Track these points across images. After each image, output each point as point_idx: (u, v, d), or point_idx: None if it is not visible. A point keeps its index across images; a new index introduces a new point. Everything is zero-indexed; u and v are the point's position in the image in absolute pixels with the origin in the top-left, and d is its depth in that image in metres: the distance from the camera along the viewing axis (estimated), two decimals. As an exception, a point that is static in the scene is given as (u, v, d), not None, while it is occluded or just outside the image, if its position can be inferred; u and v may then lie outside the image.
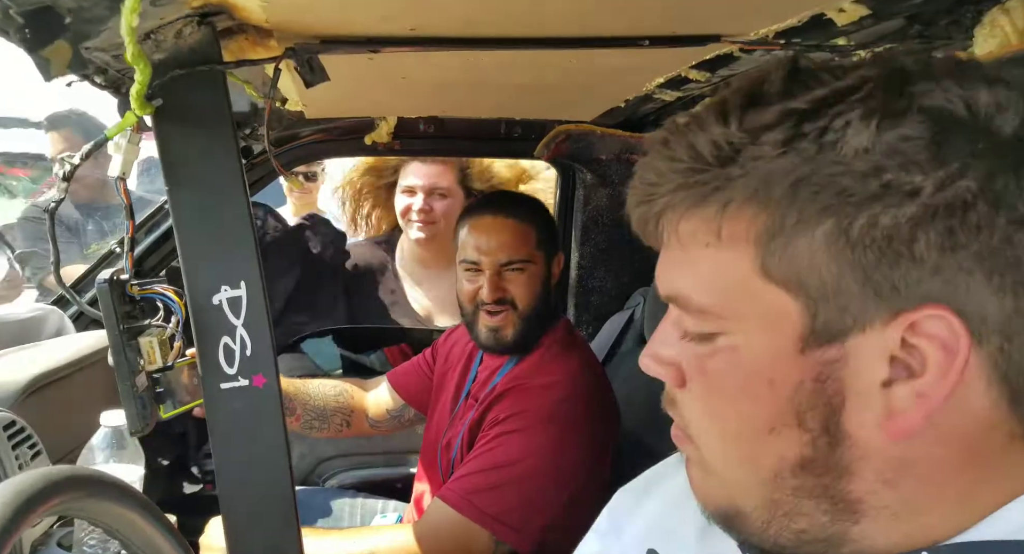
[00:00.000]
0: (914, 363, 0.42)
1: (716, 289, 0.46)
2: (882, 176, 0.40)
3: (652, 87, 1.28)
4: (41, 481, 0.41)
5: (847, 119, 0.40)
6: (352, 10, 0.77)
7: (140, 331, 0.75)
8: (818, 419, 0.44)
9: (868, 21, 0.81)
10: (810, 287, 0.42)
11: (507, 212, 1.35)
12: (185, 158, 0.81)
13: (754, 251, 0.43)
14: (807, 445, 0.45)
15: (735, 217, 0.44)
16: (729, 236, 0.44)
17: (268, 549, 0.85)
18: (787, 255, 0.42)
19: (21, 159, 5.21)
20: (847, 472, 0.45)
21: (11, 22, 0.59)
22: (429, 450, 1.52)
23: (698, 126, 0.45)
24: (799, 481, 0.46)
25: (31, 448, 0.88)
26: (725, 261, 0.45)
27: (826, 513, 0.46)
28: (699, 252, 0.46)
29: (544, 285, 1.37)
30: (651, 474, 0.70)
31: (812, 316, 0.43)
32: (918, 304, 0.40)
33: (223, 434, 0.84)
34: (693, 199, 0.45)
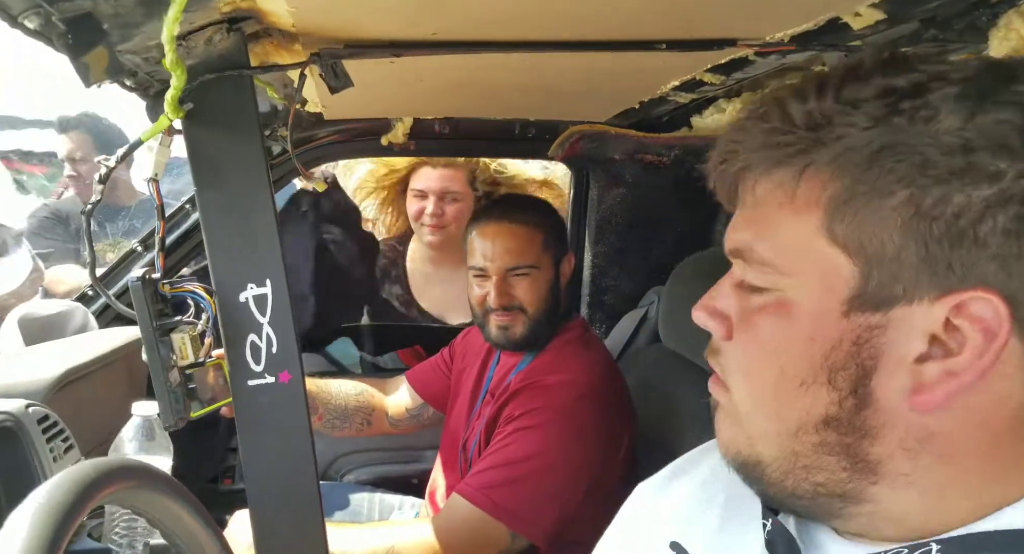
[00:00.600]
0: (953, 344, 0.43)
1: (780, 245, 0.48)
2: (969, 155, 0.41)
3: (667, 89, 1.29)
4: (97, 471, 0.43)
5: (945, 96, 0.42)
6: (377, 15, 0.79)
7: (172, 328, 0.77)
8: (848, 380, 0.46)
9: (883, 25, 0.82)
10: (869, 253, 0.44)
11: (511, 217, 1.36)
12: (214, 160, 0.83)
13: (823, 214, 0.45)
14: (834, 404, 0.47)
15: (811, 180, 0.46)
16: (803, 198, 0.46)
17: (294, 541, 0.87)
18: (854, 220, 0.44)
19: (38, 157, 5.27)
20: (869, 434, 0.46)
21: (53, 28, 0.61)
22: (448, 447, 1.55)
23: (795, 95, 0.47)
24: (821, 437, 0.48)
25: (64, 441, 0.91)
26: (795, 221, 0.47)
27: (845, 470, 0.48)
28: (771, 211, 0.48)
29: (552, 287, 1.38)
30: (672, 468, 0.72)
31: (864, 280, 0.44)
32: (971, 285, 0.42)
33: (250, 429, 0.86)
34: (774, 160, 0.47)
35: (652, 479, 0.73)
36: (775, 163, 0.47)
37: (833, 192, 0.45)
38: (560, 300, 1.41)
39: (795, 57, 1.02)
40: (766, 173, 0.48)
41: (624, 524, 0.72)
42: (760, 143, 0.48)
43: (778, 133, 0.47)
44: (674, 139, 1.66)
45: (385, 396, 1.70)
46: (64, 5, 0.59)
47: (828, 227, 0.45)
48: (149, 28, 0.74)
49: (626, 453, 1.34)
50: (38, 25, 0.60)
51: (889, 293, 0.44)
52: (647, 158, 1.75)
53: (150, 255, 1.70)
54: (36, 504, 0.38)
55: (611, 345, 1.86)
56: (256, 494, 0.86)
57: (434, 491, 1.56)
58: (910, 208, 0.42)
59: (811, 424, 0.48)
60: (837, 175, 0.44)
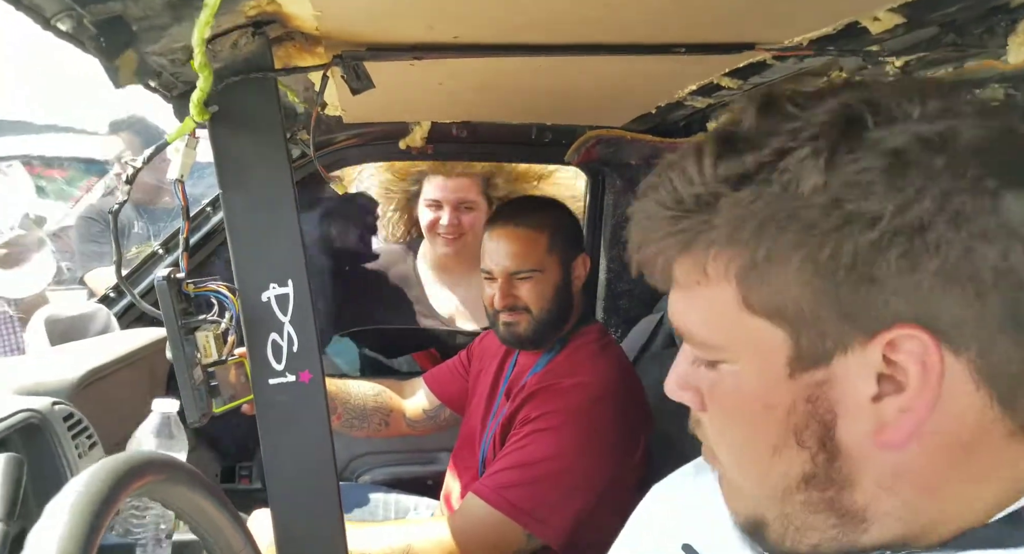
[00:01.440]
0: (901, 378, 0.44)
1: (710, 323, 0.49)
2: (843, 207, 0.42)
3: (684, 94, 1.30)
4: (130, 463, 0.44)
5: (800, 158, 0.44)
6: (399, 19, 0.80)
7: (196, 326, 0.79)
8: (814, 437, 0.47)
9: (901, 29, 0.83)
10: (789, 316, 0.46)
11: (517, 221, 1.38)
12: (238, 162, 0.84)
13: (735, 287, 0.47)
14: (807, 461, 0.48)
15: (716, 258, 0.47)
16: (714, 275, 0.48)
17: (314, 537, 0.88)
18: (764, 288, 0.46)
19: (59, 161, 5.35)
20: (848, 483, 0.48)
21: (85, 31, 0.63)
22: (463, 448, 1.55)
23: (681, 174, 0.48)
24: (805, 496, 0.49)
25: (88, 438, 0.92)
26: (713, 297, 0.48)
27: (834, 527, 0.49)
28: (692, 290, 0.50)
29: (559, 289, 1.38)
30: (685, 471, 0.72)
31: (796, 342, 0.46)
32: (890, 324, 0.43)
33: (271, 427, 0.88)
34: (681, 244, 0.49)
35: (666, 481, 0.73)
36: (682, 247, 0.49)
37: (738, 266, 0.46)
38: (572, 301, 1.41)
39: (812, 61, 1.02)
40: (679, 256, 0.49)
41: (637, 525, 0.73)
42: (665, 232, 0.49)
43: (676, 220, 0.48)
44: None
45: (403, 397, 1.71)
46: (96, 8, 0.60)
47: (743, 299, 0.47)
48: (175, 31, 0.76)
49: (642, 456, 1.34)
50: (70, 27, 0.61)
51: (822, 348, 0.45)
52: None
53: (172, 257, 1.73)
54: (75, 493, 0.39)
55: (627, 349, 1.85)
56: (277, 490, 0.87)
57: (448, 493, 1.57)
58: (808, 267, 0.44)
59: (793, 485, 0.49)
60: (736, 250, 0.46)
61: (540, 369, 1.40)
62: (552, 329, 1.39)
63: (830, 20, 0.81)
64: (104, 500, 0.40)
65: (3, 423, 0.79)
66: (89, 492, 0.40)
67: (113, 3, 0.60)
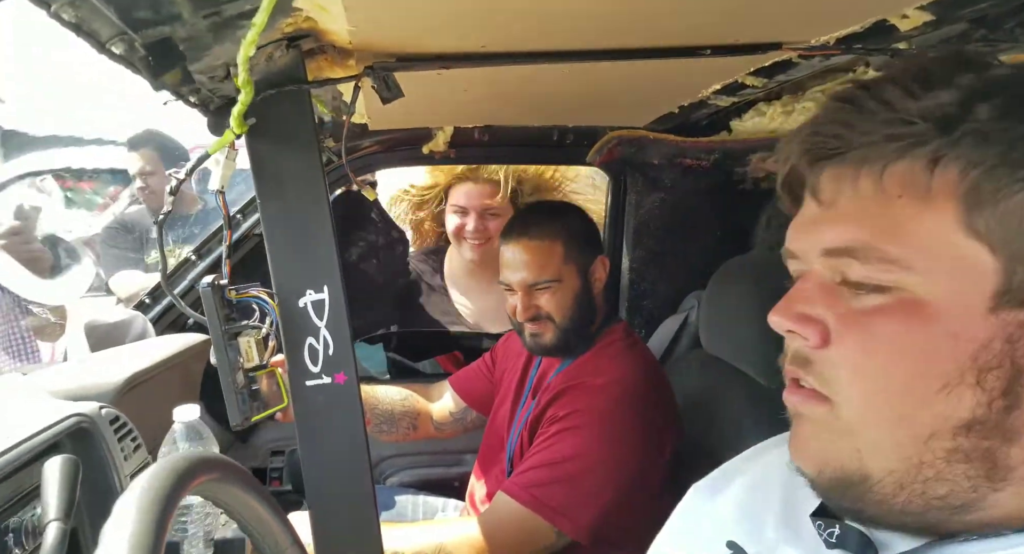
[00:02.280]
0: None
1: (909, 240, 0.45)
2: None
3: (707, 93, 1.30)
4: (188, 463, 0.46)
5: None
6: (429, 30, 0.82)
7: (238, 332, 0.81)
8: (1000, 380, 0.44)
9: (930, 26, 0.83)
10: (1013, 247, 0.43)
11: (530, 233, 1.38)
12: (274, 172, 0.87)
13: (960, 207, 0.43)
14: (981, 405, 0.44)
15: (945, 173, 0.44)
16: (937, 190, 0.44)
17: (350, 532, 0.90)
18: (997, 213, 0.43)
19: (88, 173, 5.46)
20: (1014, 436, 0.44)
21: (136, 53, 0.65)
22: (489, 449, 1.57)
23: (895, 85, 0.46)
24: (956, 443, 0.45)
25: (133, 441, 0.95)
26: (926, 215, 0.45)
27: (971, 480, 0.45)
28: (891, 204, 0.46)
29: (580, 295, 1.39)
30: (725, 469, 0.73)
31: (1009, 276, 0.43)
32: None
33: (308, 427, 0.90)
34: (897, 151, 0.45)
35: (706, 480, 0.73)
36: (897, 154, 0.45)
37: (971, 184, 0.43)
38: (594, 305, 1.42)
39: (839, 58, 1.02)
40: (884, 165, 0.46)
41: (680, 523, 0.73)
42: (879, 136, 0.46)
43: (897, 123, 0.45)
44: (714, 143, 1.66)
45: (429, 401, 1.74)
46: (147, 32, 0.63)
47: (966, 221, 0.43)
48: (216, 50, 0.78)
49: (670, 455, 1.34)
50: (123, 50, 0.64)
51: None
52: (686, 162, 1.76)
53: (203, 263, 1.77)
54: (142, 490, 0.41)
55: (652, 350, 1.86)
56: (314, 488, 0.89)
57: (473, 493, 1.58)
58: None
59: (948, 429, 0.45)
60: (972, 167, 0.43)
61: (566, 367, 1.42)
62: (577, 335, 1.40)
63: (858, 18, 0.82)
64: (169, 497, 0.42)
65: (56, 427, 0.82)
66: (154, 489, 0.42)
67: (163, 27, 0.63)
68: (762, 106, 1.49)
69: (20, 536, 0.72)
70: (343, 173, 1.80)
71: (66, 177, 5.23)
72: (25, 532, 0.73)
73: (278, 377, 1.08)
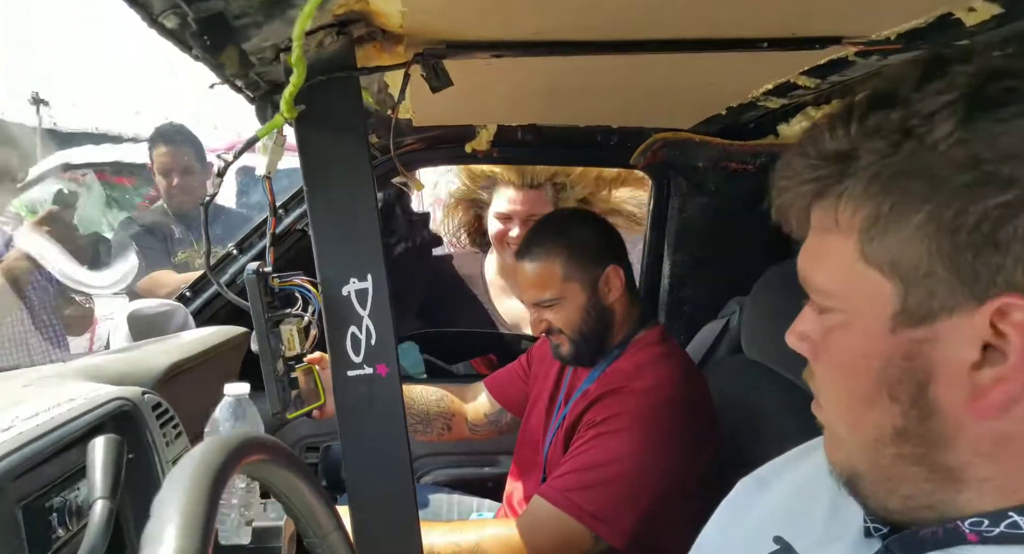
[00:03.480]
0: (1006, 349, 0.44)
1: (828, 270, 0.51)
2: (980, 166, 0.43)
3: (758, 94, 1.28)
4: (239, 441, 0.45)
5: (945, 115, 0.44)
6: (483, 13, 0.81)
7: (280, 320, 0.81)
8: (907, 392, 0.48)
9: (996, 21, 0.80)
10: (902, 271, 0.46)
11: (529, 255, 1.39)
12: (322, 159, 0.87)
13: (857, 237, 0.48)
14: (899, 416, 0.49)
15: (846, 208, 0.49)
16: (843, 224, 0.49)
17: (390, 524, 0.89)
18: (884, 241, 0.47)
19: (128, 169, 5.52)
20: (942, 443, 0.48)
21: (187, 28, 0.65)
22: (525, 452, 1.55)
23: (828, 127, 0.50)
24: (897, 449, 0.50)
25: (174, 427, 0.95)
26: (838, 246, 0.50)
27: (927, 481, 0.49)
28: (822, 238, 0.52)
29: (587, 309, 1.38)
30: (772, 466, 0.72)
31: (903, 298, 0.47)
32: (1001, 292, 0.43)
33: (350, 418, 0.89)
34: (815, 192, 0.51)
35: (753, 475, 0.73)
36: (816, 195, 0.51)
37: (864, 217, 0.48)
38: (607, 314, 1.40)
39: (895, 59, 0.99)
40: (813, 203, 0.52)
41: (727, 517, 0.73)
42: (802, 179, 0.51)
43: (814, 167, 0.50)
44: (761, 146, 1.63)
45: (464, 402, 1.73)
46: (200, 5, 0.63)
47: (863, 250, 0.48)
48: (267, 29, 0.78)
49: (710, 459, 1.31)
50: (175, 24, 0.64)
51: (928, 308, 0.46)
52: (732, 166, 1.73)
53: (244, 258, 1.78)
54: (194, 464, 0.40)
55: (691, 354, 1.83)
56: (355, 476, 0.89)
57: (511, 495, 1.57)
58: (932, 224, 0.44)
59: (886, 437, 0.50)
60: (866, 201, 0.47)
61: (601, 372, 1.40)
62: (594, 345, 1.39)
63: (922, 11, 0.79)
64: (220, 472, 0.41)
65: (100, 410, 0.82)
66: (207, 464, 0.41)
67: (215, 1, 0.63)
68: (810, 110, 1.46)
69: (64, 516, 0.72)
70: (382, 171, 1.81)
71: (106, 171, 5.30)
72: (69, 512, 0.73)
73: (315, 375, 1.08)
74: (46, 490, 0.72)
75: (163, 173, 2.59)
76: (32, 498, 0.70)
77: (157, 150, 2.59)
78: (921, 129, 0.45)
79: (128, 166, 5.41)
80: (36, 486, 0.71)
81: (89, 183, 5.14)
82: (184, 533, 0.37)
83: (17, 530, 0.67)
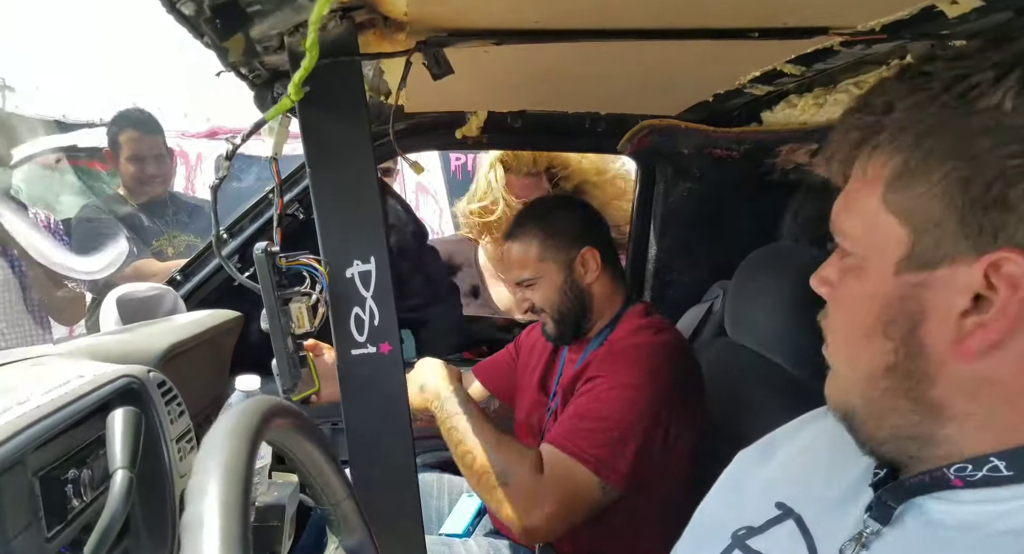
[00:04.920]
0: (994, 299, 0.48)
1: (856, 215, 0.55)
2: (1008, 129, 0.46)
3: (745, 81, 1.31)
4: (269, 405, 0.47)
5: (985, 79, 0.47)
6: (485, 2, 0.83)
7: (289, 298, 0.83)
8: (899, 331, 0.52)
9: (977, 13, 0.83)
10: (916, 220, 0.51)
11: (510, 235, 1.48)
12: (325, 142, 0.88)
13: (883, 188, 0.52)
14: (891, 352, 0.53)
15: (876, 159, 0.53)
16: (871, 174, 0.54)
17: (393, 500, 0.92)
18: (905, 191, 0.51)
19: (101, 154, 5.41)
20: (927, 379, 0.52)
21: (202, 15, 0.67)
22: (521, 437, 1.58)
23: (879, 84, 0.55)
24: (888, 383, 0.54)
25: (178, 406, 0.97)
26: (865, 194, 0.54)
27: (915, 413, 0.54)
28: (854, 187, 0.56)
29: (564, 290, 1.44)
30: (771, 438, 0.75)
31: (912, 244, 0.51)
32: (1001, 246, 0.47)
33: (353, 395, 0.92)
34: (854, 142, 0.55)
35: (752, 447, 0.76)
36: (854, 145, 0.55)
37: (891, 168, 0.52)
38: (585, 295, 1.45)
39: (879, 48, 1.03)
40: (850, 155, 0.56)
41: (727, 487, 0.76)
42: (844, 127, 0.56)
43: (858, 118, 0.54)
44: (745, 134, 1.66)
45: None
46: (216, -8, 0.64)
47: (886, 198, 0.52)
48: (275, 18, 0.80)
49: (698, 427, 1.35)
50: (192, 11, 0.65)
51: (932, 255, 0.50)
52: (716, 152, 1.76)
53: (235, 242, 1.79)
54: (231, 423, 0.43)
55: (676, 337, 1.87)
56: (357, 453, 0.92)
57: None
58: (951, 180, 0.48)
59: (879, 371, 0.54)
60: (894, 153, 0.52)
61: (593, 349, 1.42)
62: (573, 324, 1.46)
63: (907, 3, 0.82)
64: (256, 433, 0.43)
65: (109, 386, 0.84)
66: (243, 424, 0.43)
67: (231, -13, 0.64)
68: (793, 98, 1.49)
69: (79, 487, 0.74)
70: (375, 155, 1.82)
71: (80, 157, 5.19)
72: (83, 484, 0.75)
73: (309, 362, 1.10)
74: (61, 462, 0.74)
75: (133, 160, 2.44)
76: (48, 469, 0.71)
77: (125, 135, 2.45)
78: (963, 89, 0.48)
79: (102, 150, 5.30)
80: (52, 458, 0.73)
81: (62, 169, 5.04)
82: (227, 484, 0.40)
83: (35, 501, 0.69)
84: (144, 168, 2.46)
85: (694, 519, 0.78)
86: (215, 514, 0.39)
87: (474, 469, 1.26)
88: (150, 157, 2.47)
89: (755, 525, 0.67)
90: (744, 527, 0.67)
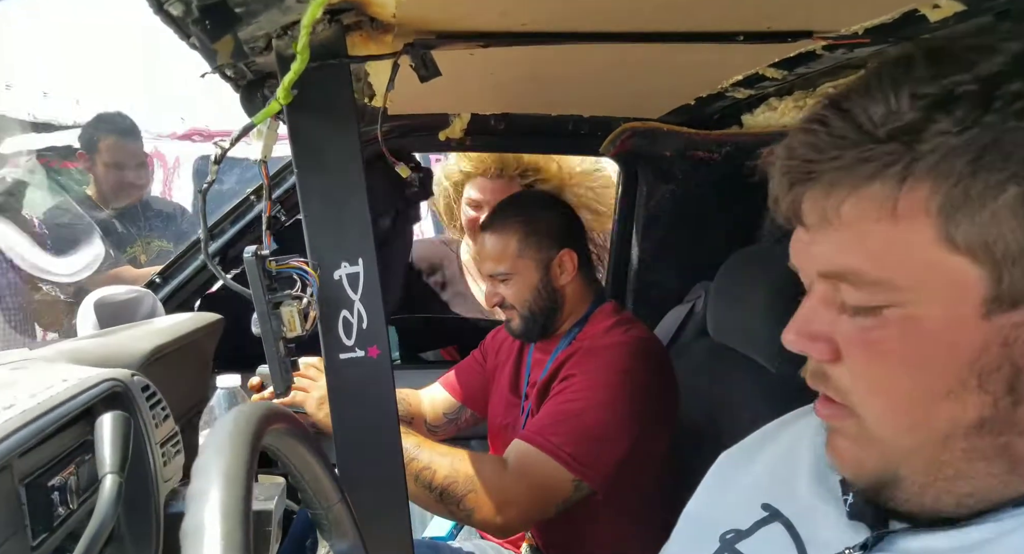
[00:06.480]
0: None
1: (892, 262, 0.46)
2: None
3: (727, 84, 1.33)
4: (265, 409, 0.47)
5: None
6: (474, 4, 0.83)
7: (279, 302, 0.82)
8: (1003, 380, 0.45)
9: (958, 18, 0.85)
10: (995, 253, 0.43)
11: (490, 227, 1.46)
12: (313, 144, 0.88)
13: (935, 222, 0.44)
14: (989, 405, 0.46)
15: (913, 191, 0.44)
16: (907, 209, 0.45)
17: (381, 504, 0.92)
18: (974, 224, 0.43)
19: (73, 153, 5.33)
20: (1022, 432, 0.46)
21: (191, 15, 0.66)
22: (496, 441, 1.59)
23: (866, 100, 0.46)
24: (969, 443, 0.47)
25: (163, 410, 0.96)
26: (901, 234, 0.45)
27: (993, 476, 0.48)
28: (868, 227, 0.47)
29: (538, 288, 1.43)
30: (753, 439, 0.75)
31: (997, 281, 0.44)
32: None
33: (342, 399, 0.91)
34: (864, 175, 0.46)
35: (737, 447, 0.76)
36: (866, 179, 0.46)
37: (943, 199, 0.44)
38: (557, 296, 1.45)
39: (860, 52, 1.05)
40: (855, 189, 0.47)
41: (713, 488, 0.76)
42: (840, 164, 0.46)
43: (860, 147, 0.46)
44: (725, 136, 1.68)
45: (422, 403, 1.74)
46: (205, -8, 0.64)
47: (945, 235, 0.44)
48: (263, 19, 0.79)
49: (671, 430, 1.36)
50: (180, 11, 0.65)
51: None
52: (697, 155, 1.78)
53: (217, 243, 1.77)
54: (229, 427, 0.43)
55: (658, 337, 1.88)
56: (345, 457, 0.91)
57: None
58: (1020, 201, 0.42)
59: (960, 431, 0.47)
60: (941, 182, 0.43)
61: (563, 348, 1.43)
62: (541, 323, 1.45)
63: (890, 7, 0.84)
64: (254, 437, 0.43)
65: (93, 390, 0.82)
66: (241, 429, 0.43)
67: (220, -12, 0.64)
68: (773, 101, 1.51)
69: (65, 494, 0.73)
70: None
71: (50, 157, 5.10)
72: (69, 490, 0.74)
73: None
74: (47, 468, 0.73)
75: (113, 167, 2.38)
76: (34, 476, 0.70)
77: (106, 142, 2.39)
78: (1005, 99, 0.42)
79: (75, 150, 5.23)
80: (37, 464, 0.71)
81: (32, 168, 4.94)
82: (227, 490, 0.39)
83: (20, 508, 0.68)
84: (124, 176, 2.41)
85: (681, 520, 0.78)
86: (216, 521, 0.38)
87: (435, 484, 1.19)
88: (131, 166, 2.42)
89: (742, 528, 0.66)
90: (732, 530, 0.67)
